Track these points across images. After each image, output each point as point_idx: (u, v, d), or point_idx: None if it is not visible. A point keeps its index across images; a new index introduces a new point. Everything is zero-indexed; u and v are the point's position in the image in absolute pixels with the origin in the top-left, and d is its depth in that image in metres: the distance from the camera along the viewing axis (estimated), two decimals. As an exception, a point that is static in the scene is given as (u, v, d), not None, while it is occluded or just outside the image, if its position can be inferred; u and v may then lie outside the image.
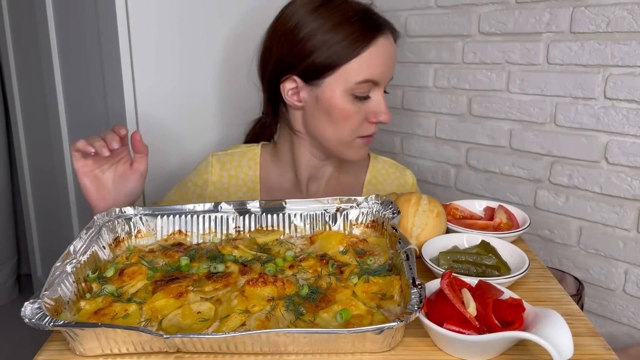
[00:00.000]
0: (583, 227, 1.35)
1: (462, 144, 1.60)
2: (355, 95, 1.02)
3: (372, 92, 1.04)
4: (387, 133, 1.81)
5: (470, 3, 1.49)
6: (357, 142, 1.08)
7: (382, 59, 1.03)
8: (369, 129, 1.07)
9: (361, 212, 0.89)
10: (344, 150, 1.09)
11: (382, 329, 0.57)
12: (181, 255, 0.80)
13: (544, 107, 1.39)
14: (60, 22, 1.64)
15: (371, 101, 1.05)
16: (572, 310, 0.70)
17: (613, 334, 1.34)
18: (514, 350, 0.61)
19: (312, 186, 1.19)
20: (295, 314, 0.65)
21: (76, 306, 0.68)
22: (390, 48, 1.05)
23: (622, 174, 1.27)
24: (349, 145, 1.08)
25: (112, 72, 1.41)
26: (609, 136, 1.28)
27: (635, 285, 1.28)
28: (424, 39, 1.64)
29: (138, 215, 0.87)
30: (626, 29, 1.22)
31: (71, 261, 0.71)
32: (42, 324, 0.58)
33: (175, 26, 1.44)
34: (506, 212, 0.95)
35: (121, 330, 0.58)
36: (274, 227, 0.89)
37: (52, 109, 1.78)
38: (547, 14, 1.34)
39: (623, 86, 1.24)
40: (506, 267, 0.77)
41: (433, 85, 1.64)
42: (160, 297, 0.69)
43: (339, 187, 1.20)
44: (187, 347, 0.60)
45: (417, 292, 0.61)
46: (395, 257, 0.75)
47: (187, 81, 1.49)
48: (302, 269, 0.76)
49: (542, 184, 1.42)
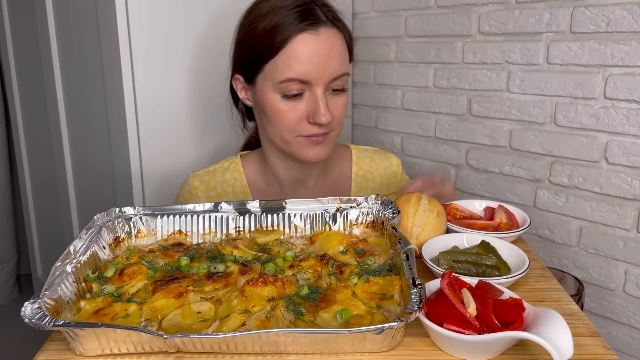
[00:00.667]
0: (583, 227, 1.35)
1: (462, 144, 1.60)
2: (284, 94, 1.00)
3: (307, 90, 1.00)
4: (387, 133, 1.81)
5: (470, 3, 1.49)
6: (300, 140, 1.04)
7: (304, 56, 0.97)
8: (311, 129, 1.02)
9: (361, 212, 0.89)
10: (293, 150, 1.06)
11: (382, 329, 0.57)
12: (181, 255, 0.80)
13: (544, 107, 1.39)
14: (60, 22, 1.64)
15: (306, 100, 1.01)
16: (572, 310, 0.70)
17: (613, 334, 1.34)
18: (514, 350, 0.61)
19: (299, 190, 1.17)
20: (295, 314, 0.65)
21: (76, 306, 0.68)
22: (318, 44, 0.98)
23: (622, 174, 1.27)
24: (294, 144, 1.05)
25: (112, 72, 1.41)
26: (609, 136, 1.28)
27: (635, 285, 1.28)
28: (424, 39, 1.64)
29: (138, 215, 0.87)
30: (626, 29, 1.22)
31: (71, 261, 0.71)
32: (42, 324, 0.58)
33: (175, 26, 1.44)
34: (506, 212, 0.95)
35: (121, 330, 0.58)
36: (274, 227, 0.89)
37: (52, 109, 1.78)
38: (547, 14, 1.34)
39: (623, 86, 1.24)
40: (506, 267, 0.77)
41: (433, 85, 1.64)
42: (160, 297, 0.69)
43: (326, 186, 1.19)
44: (187, 347, 0.60)
45: (417, 292, 0.61)
46: (395, 257, 0.75)
47: (187, 81, 1.49)
48: (302, 269, 0.76)
49: (542, 184, 1.42)
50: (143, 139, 1.44)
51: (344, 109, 1.07)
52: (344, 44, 1.04)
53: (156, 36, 1.41)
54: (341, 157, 1.24)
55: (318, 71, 0.99)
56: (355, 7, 1.82)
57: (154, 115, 1.45)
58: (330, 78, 1.00)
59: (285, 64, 0.98)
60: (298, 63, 0.98)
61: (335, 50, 1.00)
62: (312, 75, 0.98)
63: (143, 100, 1.42)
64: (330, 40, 1.00)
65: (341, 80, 1.02)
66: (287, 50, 0.98)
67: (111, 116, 1.47)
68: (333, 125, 1.05)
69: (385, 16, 1.72)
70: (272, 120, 1.04)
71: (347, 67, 1.04)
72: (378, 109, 1.83)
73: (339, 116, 1.05)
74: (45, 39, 1.70)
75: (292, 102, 1.01)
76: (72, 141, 1.76)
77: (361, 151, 1.24)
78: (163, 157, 1.48)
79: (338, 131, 1.09)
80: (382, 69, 1.78)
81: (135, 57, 1.38)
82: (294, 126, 1.02)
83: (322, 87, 1.00)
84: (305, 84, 0.99)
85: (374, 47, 1.79)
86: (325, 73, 0.99)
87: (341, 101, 1.05)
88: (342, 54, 1.02)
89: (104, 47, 1.43)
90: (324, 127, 1.03)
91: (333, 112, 1.03)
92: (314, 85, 1.00)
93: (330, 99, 1.03)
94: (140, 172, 1.45)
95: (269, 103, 1.02)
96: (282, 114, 1.02)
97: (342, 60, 1.02)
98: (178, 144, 1.51)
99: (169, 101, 1.47)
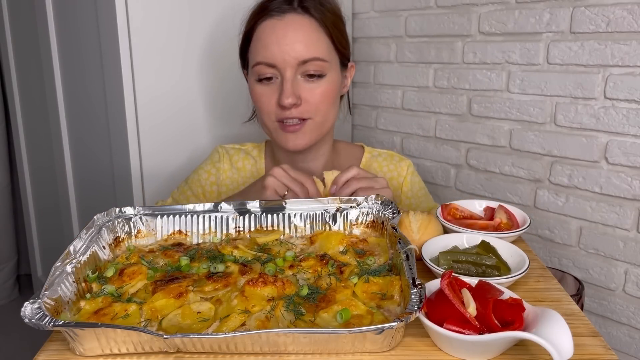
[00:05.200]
0: (583, 227, 1.35)
1: (462, 144, 1.60)
2: (259, 78, 1.07)
3: (278, 74, 1.05)
4: (387, 133, 1.81)
5: (470, 3, 1.49)
6: (277, 126, 1.09)
7: (268, 40, 1.03)
8: (282, 114, 1.06)
9: (361, 212, 0.89)
10: (274, 137, 1.11)
11: (382, 329, 0.57)
12: (181, 255, 0.80)
13: (544, 107, 1.39)
14: (60, 22, 1.64)
15: (277, 84, 1.06)
16: (572, 310, 0.70)
17: (613, 334, 1.34)
18: (514, 350, 0.61)
19: None
20: (295, 314, 0.65)
21: (76, 306, 0.68)
22: (282, 28, 1.03)
23: (622, 174, 1.27)
24: (274, 131, 1.10)
25: (112, 72, 1.41)
26: (609, 136, 1.28)
27: (635, 285, 1.28)
28: (424, 39, 1.64)
29: (138, 215, 0.87)
30: (626, 29, 1.22)
31: (71, 261, 0.71)
32: (42, 324, 0.58)
33: (175, 26, 1.44)
34: (506, 212, 0.95)
35: (121, 330, 0.58)
36: (274, 227, 0.89)
37: (52, 109, 1.78)
38: (547, 14, 1.34)
39: (623, 86, 1.24)
40: (506, 267, 0.77)
41: (433, 85, 1.64)
42: (160, 297, 0.69)
43: None
44: (187, 347, 0.60)
45: (417, 292, 0.61)
46: (395, 257, 0.75)
47: (187, 81, 1.49)
48: (302, 269, 0.76)
49: (542, 184, 1.42)
50: (143, 139, 1.44)
51: (324, 97, 1.07)
52: (318, 30, 1.06)
53: (156, 36, 1.41)
54: (351, 157, 1.24)
55: (282, 54, 1.03)
56: (355, 7, 1.82)
57: (153, 116, 1.45)
58: (296, 61, 1.03)
59: (255, 48, 1.07)
60: (263, 47, 1.04)
61: (300, 34, 1.04)
62: (277, 59, 1.03)
63: (143, 100, 1.42)
64: (295, 25, 1.04)
65: (312, 65, 1.04)
66: (255, 36, 1.07)
67: (111, 116, 1.47)
68: (308, 112, 1.06)
69: (385, 16, 1.72)
70: (255, 104, 1.12)
71: (322, 53, 1.06)
72: (378, 109, 1.83)
73: (316, 102, 1.06)
74: (45, 39, 1.70)
75: (265, 86, 1.07)
76: (72, 141, 1.76)
77: (374, 155, 1.25)
78: (163, 157, 1.48)
79: (319, 120, 1.09)
80: (382, 69, 1.78)
81: (135, 57, 1.38)
82: (268, 110, 1.08)
83: (291, 71, 1.04)
84: (273, 67, 1.04)
85: (374, 47, 1.79)
86: (289, 56, 1.03)
87: (318, 88, 1.06)
88: (311, 39, 1.04)
89: (104, 47, 1.43)
90: (295, 112, 1.05)
91: (307, 97, 1.05)
92: (281, 68, 1.04)
93: (304, 84, 1.05)
94: (140, 172, 1.46)
95: (250, 88, 1.11)
96: (258, 97, 1.08)
97: (312, 45, 1.04)
98: (178, 144, 1.51)
99: (169, 101, 1.47)
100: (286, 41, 1.03)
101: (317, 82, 1.06)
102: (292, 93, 1.03)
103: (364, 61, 1.83)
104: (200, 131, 1.55)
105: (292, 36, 1.03)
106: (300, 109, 1.05)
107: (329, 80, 1.07)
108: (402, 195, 1.22)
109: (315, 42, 1.05)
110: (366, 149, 1.26)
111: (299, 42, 1.03)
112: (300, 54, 1.03)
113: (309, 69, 1.04)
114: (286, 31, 1.03)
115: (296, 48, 1.03)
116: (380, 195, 0.88)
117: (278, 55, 1.03)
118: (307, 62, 1.03)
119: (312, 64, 1.04)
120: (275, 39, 1.03)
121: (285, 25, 1.03)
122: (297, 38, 1.03)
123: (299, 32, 1.04)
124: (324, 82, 1.06)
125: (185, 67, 1.48)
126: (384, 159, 1.24)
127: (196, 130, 1.54)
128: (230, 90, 1.56)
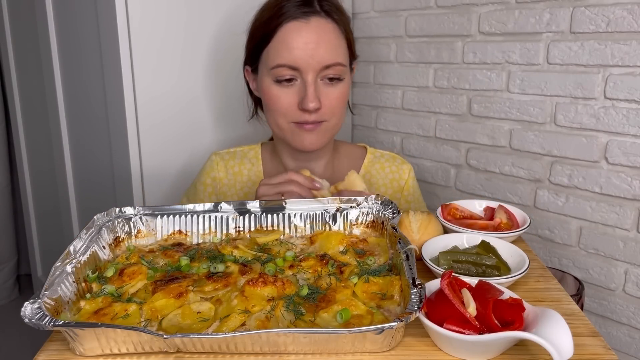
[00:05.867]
0: (583, 227, 1.35)
1: (462, 144, 1.60)
2: (277, 79, 1.04)
3: (299, 77, 1.04)
4: (387, 133, 1.81)
5: (470, 3, 1.49)
6: (292, 127, 1.07)
7: (293, 43, 1.02)
8: (301, 116, 1.05)
9: (361, 212, 0.89)
10: (287, 137, 1.10)
11: (382, 329, 0.57)
12: (181, 255, 0.80)
13: (544, 107, 1.39)
14: (60, 22, 1.64)
15: (297, 86, 1.05)
16: (572, 310, 0.70)
17: (613, 334, 1.34)
18: (514, 350, 0.61)
19: None
20: (295, 314, 0.65)
21: (76, 306, 0.68)
22: (308, 32, 1.02)
23: (622, 174, 1.27)
24: (287, 131, 1.09)
25: (112, 72, 1.41)
26: (609, 136, 1.28)
27: (635, 285, 1.28)
28: (424, 39, 1.64)
29: (138, 215, 0.87)
30: (626, 29, 1.22)
31: (71, 261, 0.71)
32: (42, 324, 0.58)
33: (175, 26, 1.44)
34: (506, 212, 0.95)
35: (121, 330, 0.58)
36: (274, 227, 0.89)
37: (52, 109, 1.78)
38: (547, 14, 1.34)
39: (623, 86, 1.24)
40: (506, 267, 0.77)
41: (433, 85, 1.64)
42: (160, 297, 0.69)
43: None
44: (187, 347, 0.60)
45: (417, 292, 0.61)
46: (395, 257, 0.75)
47: (187, 81, 1.49)
48: (302, 269, 0.76)
49: (542, 184, 1.42)
50: (143, 139, 1.44)
51: (340, 100, 1.08)
52: (340, 36, 1.06)
53: (156, 36, 1.41)
54: (353, 157, 1.25)
55: (306, 58, 1.02)
56: (355, 7, 1.82)
57: (153, 116, 1.45)
58: (319, 66, 1.03)
59: (276, 50, 1.04)
60: (287, 49, 1.02)
61: (325, 39, 1.03)
62: (301, 62, 1.02)
63: (143, 100, 1.42)
64: (320, 29, 1.03)
65: (334, 70, 1.05)
66: (277, 37, 1.03)
67: (111, 116, 1.47)
68: (326, 114, 1.07)
69: (385, 16, 1.72)
70: (268, 106, 1.09)
71: (342, 57, 1.06)
72: (378, 109, 1.83)
73: (333, 106, 1.07)
74: (45, 39, 1.70)
75: (284, 87, 1.05)
76: (72, 141, 1.76)
77: (376, 156, 1.25)
78: (163, 157, 1.48)
79: (334, 122, 1.10)
80: (382, 69, 1.78)
81: (135, 57, 1.38)
82: (286, 112, 1.06)
83: (313, 75, 1.03)
84: (295, 70, 1.03)
85: (374, 47, 1.79)
86: (314, 60, 1.03)
87: (336, 91, 1.07)
88: (334, 44, 1.05)
89: (103, 47, 1.43)
90: (314, 115, 1.05)
91: (325, 101, 1.05)
92: (304, 72, 1.03)
93: (324, 88, 1.05)
94: (140, 171, 1.46)
95: (265, 89, 1.07)
96: (275, 99, 1.06)
97: (334, 50, 1.05)
98: (178, 144, 1.51)
99: (169, 101, 1.47)
100: (311, 45, 1.02)
101: (335, 86, 1.06)
102: (316, 97, 1.03)
103: (364, 61, 1.83)
104: (201, 131, 1.55)
105: (317, 41, 1.02)
106: (320, 112, 1.06)
107: (345, 83, 1.08)
108: (402, 199, 1.22)
109: (337, 47, 1.05)
110: (369, 150, 1.26)
111: (323, 47, 1.03)
112: (325, 58, 1.03)
113: (329, 73, 1.04)
114: (311, 35, 1.02)
115: (320, 53, 1.03)
116: (380, 195, 0.88)
117: (302, 58, 1.02)
118: (330, 67, 1.04)
119: (333, 68, 1.04)
120: (303, 43, 1.02)
121: (311, 29, 1.03)
122: (322, 43, 1.03)
123: (324, 36, 1.03)
124: (341, 86, 1.07)
125: (185, 67, 1.48)
126: (387, 160, 1.24)
127: (196, 130, 1.54)
128: (230, 90, 1.56)
